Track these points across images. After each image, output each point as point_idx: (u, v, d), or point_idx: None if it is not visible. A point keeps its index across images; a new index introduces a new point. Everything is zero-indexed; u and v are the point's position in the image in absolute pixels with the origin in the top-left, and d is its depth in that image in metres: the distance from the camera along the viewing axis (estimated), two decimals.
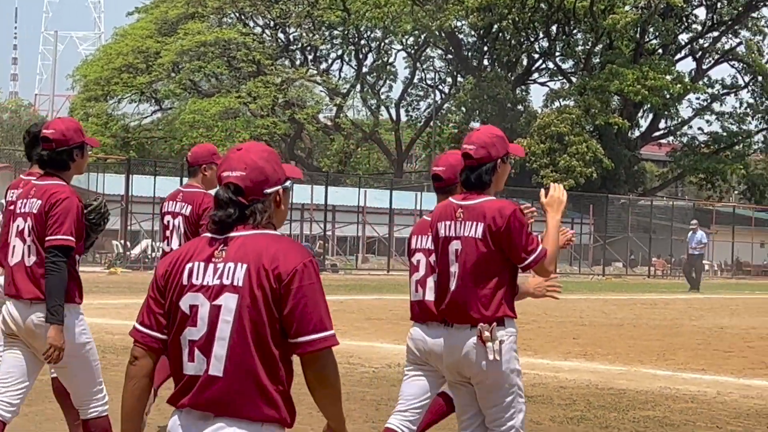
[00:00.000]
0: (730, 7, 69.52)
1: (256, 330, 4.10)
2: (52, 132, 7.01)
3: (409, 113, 79.62)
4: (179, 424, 4.17)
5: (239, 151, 4.32)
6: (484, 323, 6.22)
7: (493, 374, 6.27)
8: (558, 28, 70.10)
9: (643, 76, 62.50)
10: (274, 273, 4.10)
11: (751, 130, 70.98)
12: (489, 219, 6.24)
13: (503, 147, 6.42)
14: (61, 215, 6.83)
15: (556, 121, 61.89)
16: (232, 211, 4.21)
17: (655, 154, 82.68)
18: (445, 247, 6.43)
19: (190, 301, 4.16)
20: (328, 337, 4.11)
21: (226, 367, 4.08)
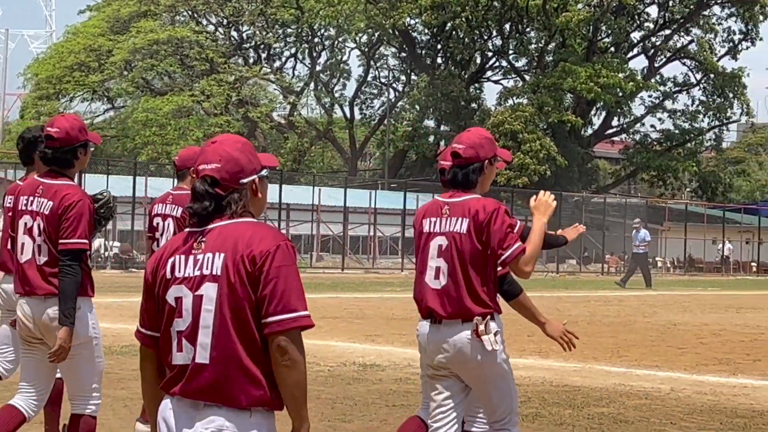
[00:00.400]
0: (681, 5, 69.93)
1: (237, 316, 4.18)
2: (56, 131, 7.08)
3: (363, 111, 79.67)
4: (170, 408, 4.28)
5: (214, 144, 4.42)
6: (477, 317, 6.35)
7: (490, 366, 6.41)
8: (511, 26, 70.29)
9: (595, 74, 62.75)
10: (249, 257, 4.19)
11: (703, 128, 71.45)
12: (473, 214, 6.40)
13: (491, 149, 6.60)
14: (76, 219, 6.96)
15: (509, 119, 62.04)
16: (207, 204, 4.31)
17: (608, 152, 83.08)
18: (427, 242, 6.55)
19: (175, 293, 4.27)
20: (297, 317, 4.17)
21: (212, 354, 4.19)
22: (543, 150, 61.23)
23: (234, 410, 4.19)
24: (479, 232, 6.39)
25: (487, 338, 6.34)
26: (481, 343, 6.35)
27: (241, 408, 4.20)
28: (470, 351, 6.39)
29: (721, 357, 16.60)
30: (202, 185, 4.34)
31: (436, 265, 6.48)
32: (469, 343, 6.38)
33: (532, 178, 60.57)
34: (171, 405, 4.29)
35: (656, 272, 60.17)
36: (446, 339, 6.45)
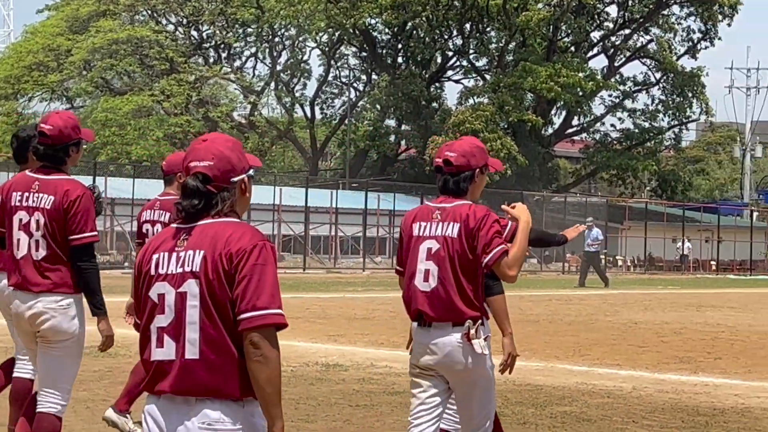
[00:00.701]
0: (641, 4, 70.21)
1: (220, 311, 4.26)
2: (49, 128, 7.18)
3: (323, 111, 79.53)
4: (159, 411, 4.33)
5: (205, 141, 4.49)
6: (467, 321, 6.46)
7: (478, 370, 6.52)
8: (472, 26, 70.37)
9: (556, 74, 62.92)
10: (227, 255, 4.27)
11: (663, 127, 71.77)
12: (463, 219, 6.52)
13: (483, 158, 6.74)
14: (84, 213, 7.11)
15: (470, 118, 62.09)
16: (196, 202, 4.38)
17: (568, 151, 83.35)
18: (416, 246, 6.64)
19: (158, 290, 4.35)
20: (268, 314, 4.24)
21: (201, 349, 4.25)
22: (504, 149, 61.32)
23: (227, 402, 4.25)
24: (469, 238, 6.50)
25: (477, 342, 6.44)
26: (471, 347, 6.44)
27: (234, 400, 4.26)
28: (460, 355, 6.48)
29: (682, 355, 16.70)
30: (193, 182, 4.38)
31: (425, 268, 6.57)
32: (459, 347, 6.47)
33: (492, 177, 60.54)
34: (159, 404, 4.33)
35: (617, 271, 60.44)
36: (435, 341, 6.53)
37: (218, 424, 4.24)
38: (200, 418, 4.25)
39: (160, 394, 4.32)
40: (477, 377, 6.56)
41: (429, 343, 6.55)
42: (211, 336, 4.26)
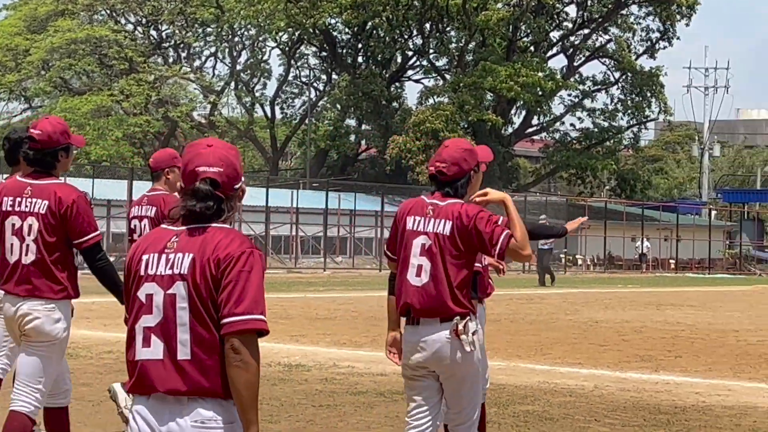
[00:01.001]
0: (600, 4, 70.50)
1: (209, 313, 4.33)
2: (38, 133, 7.29)
3: (284, 111, 79.47)
4: (149, 411, 4.39)
5: (210, 147, 4.56)
6: (455, 316, 6.58)
7: (467, 365, 6.64)
8: (431, 25, 70.45)
9: (515, 73, 63.10)
10: (214, 260, 4.34)
11: (622, 126, 72.10)
12: (456, 216, 6.62)
13: (473, 159, 6.86)
14: (84, 215, 7.24)
15: (430, 117, 62.19)
16: (211, 204, 4.45)
17: (528, 151, 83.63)
18: (410, 240, 6.75)
19: (147, 290, 4.41)
20: (249, 320, 4.29)
21: (192, 350, 4.33)
22: None
23: (219, 401, 4.32)
24: (463, 235, 6.60)
25: (465, 338, 6.56)
26: (459, 342, 6.56)
27: (225, 398, 4.32)
28: (448, 350, 6.59)
29: (642, 354, 16.77)
30: (205, 186, 4.45)
31: (418, 263, 6.67)
32: (447, 342, 6.58)
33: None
34: (148, 404, 4.38)
35: (577, 270, 60.69)
36: (424, 339, 6.64)
37: (211, 422, 4.31)
38: (193, 417, 4.32)
39: (150, 393, 4.38)
40: (466, 372, 6.68)
41: (419, 341, 6.65)
42: (202, 337, 4.33)
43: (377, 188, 59.62)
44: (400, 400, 11.54)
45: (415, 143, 61.79)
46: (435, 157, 6.87)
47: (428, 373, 6.73)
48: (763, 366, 15.72)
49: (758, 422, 11.03)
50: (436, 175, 6.80)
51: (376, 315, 21.56)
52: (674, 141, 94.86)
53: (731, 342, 18.97)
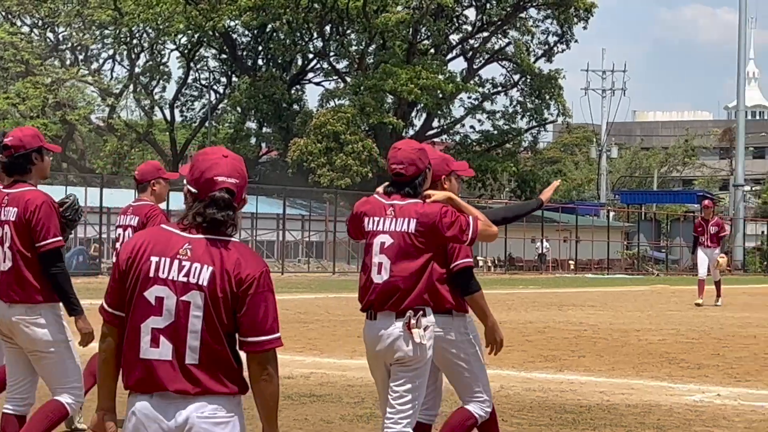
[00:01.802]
0: (498, 7, 71.02)
1: (220, 323, 4.61)
2: (10, 139, 7.61)
3: (183, 113, 79.00)
4: (151, 405, 4.63)
5: (226, 158, 4.81)
6: (410, 312, 6.88)
7: (418, 357, 6.93)
8: (332, 28, 70.45)
9: (416, 76, 63.32)
10: (236, 278, 4.60)
11: (521, 129, 72.70)
12: (420, 214, 6.94)
13: (426, 157, 7.14)
14: (45, 220, 7.43)
15: (332, 120, 62.20)
16: (230, 213, 4.71)
17: None
18: (370, 240, 7.06)
19: (157, 293, 4.63)
20: (274, 339, 4.67)
21: (201, 356, 4.60)
22: (365, 151, 61.56)
23: (222, 396, 4.64)
24: (428, 232, 6.92)
25: (417, 332, 6.86)
26: (411, 336, 6.85)
27: (227, 395, 4.66)
28: (401, 343, 6.90)
29: (546, 354, 16.88)
30: (227, 195, 4.70)
31: (378, 261, 6.98)
32: (401, 336, 6.88)
33: (354, 179, 60.83)
34: (152, 401, 4.63)
35: (478, 271, 61.02)
36: (381, 332, 6.95)
37: (215, 414, 4.62)
38: (198, 409, 4.60)
39: (154, 392, 4.62)
40: (417, 364, 6.96)
41: (375, 335, 6.97)
42: (211, 345, 4.60)
43: (279, 191, 59.45)
44: (308, 402, 11.51)
45: (316, 146, 61.74)
46: (390, 160, 7.11)
47: (387, 365, 7.05)
48: (665, 365, 15.93)
49: (662, 420, 11.17)
50: (395, 177, 7.08)
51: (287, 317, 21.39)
52: (572, 143, 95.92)
53: (633, 341, 19.19)
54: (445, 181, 7.44)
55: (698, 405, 12.18)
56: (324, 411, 10.88)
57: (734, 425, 10.97)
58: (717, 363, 16.17)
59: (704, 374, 14.93)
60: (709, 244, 28.36)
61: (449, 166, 7.50)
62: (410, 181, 7.06)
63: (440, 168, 7.37)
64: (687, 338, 19.92)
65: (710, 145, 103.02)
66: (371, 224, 7.08)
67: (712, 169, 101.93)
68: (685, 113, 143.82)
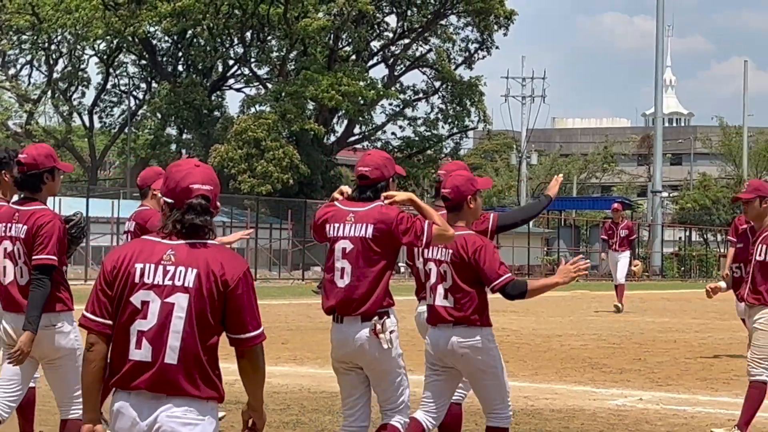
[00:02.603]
0: (419, 15, 71.22)
1: (202, 325, 4.92)
2: (24, 157, 7.94)
3: (102, 120, 78.30)
4: (129, 404, 4.93)
5: (198, 167, 5.13)
6: (374, 314, 7.31)
7: (386, 361, 7.37)
8: (252, 34, 70.23)
9: (337, 82, 63.30)
10: (222, 279, 4.92)
11: (442, 135, 72.93)
12: (378, 220, 7.30)
13: (392, 168, 7.61)
14: (46, 237, 7.74)
15: (252, 126, 61.98)
16: (208, 218, 5.03)
17: (350, 159, 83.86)
18: (332, 245, 7.45)
19: (142, 297, 4.92)
20: (260, 334, 5.09)
21: (179, 355, 4.89)
22: (286, 158, 61.42)
23: (194, 399, 4.93)
24: (384, 237, 7.30)
25: (383, 336, 7.29)
26: (378, 340, 7.28)
27: (200, 399, 4.95)
28: (369, 347, 7.33)
29: None
30: (199, 201, 5.00)
31: (341, 266, 7.39)
32: (368, 341, 7.31)
33: (275, 186, 60.69)
34: (130, 401, 4.93)
35: (399, 278, 61.10)
36: (349, 337, 7.35)
37: (185, 416, 4.90)
38: (168, 411, 4.89)
39: (133, 390, 4.91)
40: (386, 367, 7.40)
41: (343, 339, 7.39)
42: (190, 345, 4.90)
43: None
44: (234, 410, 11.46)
45: (237, 152, 61.50)
46: (358, 164, 7.59)
47: (354, 366, 7.48)
48: (588, 369, 16.08)
49: (585, 424, 11.28)
50: (358, 180, 7.52)
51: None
52: (493, 149, 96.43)
53: (556, 347, 19.35)
54: (471, 201, 7.81)
55: (621, 409, 12.32)
56: None
57: (657, 429, 11.10)
58: (639, 368, 16.36)
59: (626, 379, 15.10)
60: (618, 247, 28.43)
61: (474, 185, 7.87)
62: (373, 185, 7.43)
63: (466, 188, 7.79)
64: (609, 343, 20.13)
65: (628, 151, 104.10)
66: (332, 230, 7.44)
67: (630, 176, 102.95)
68: (604, 120, 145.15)
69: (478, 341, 7.86)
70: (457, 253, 7.70)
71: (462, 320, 7.84)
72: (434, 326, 7.97)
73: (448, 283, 7.76)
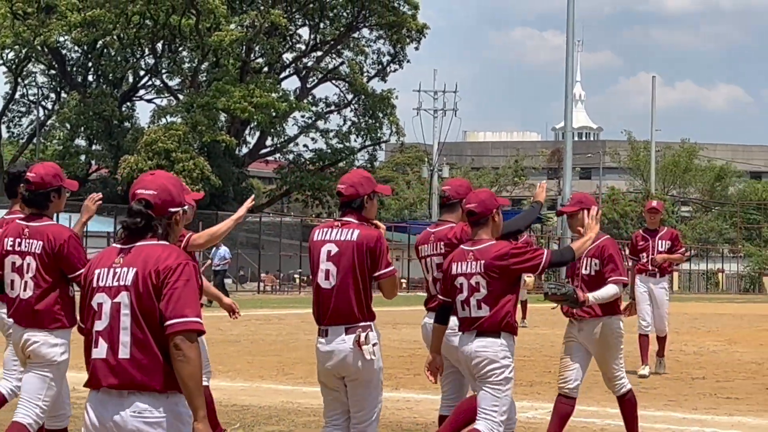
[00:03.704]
0: (332, 27, 71.31)
1: (147, 319, 5.20)
2: (33, 176, 8.29)
3: (10, 130, 77.32)
4: (98, 401, 5.28)
5: (152, 175, 5.51)
6: (359, 325, 7.74)
7: (368, 371, 7.75)
8: (164, 45, 69.83)
9: (249, 94, 63.13)
10: (155, 271, 5.22)
11: (355, 147, 73.04)
12: (360, 235, 7.80)
13: (370, 186, 8.03)
14: (75, 252, 8.17)
15: (163, 137, 61.59)
16: (139, 220, 5.33)
17: (262, 171, 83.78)
18: (318, 248, 7.89)
19: (98, 300, 5.32)
20: (188, 321, 5.17)
21: (131, 350, 5.21)
22: (197, 169, 61.08)
23: (153, 394, 5.18)
24: (363, 251, 7.76)
25: (366, 348, 7.71)
26: (361, 352, 7.68)
27: (159, 392, 5.19)
28: (352, 359, 7.73)
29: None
30: (137, 206, 5.34)
31: (326, 268, 7.81)
32: (351, 353, 7.71)
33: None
34: (97, 397, 5.28)
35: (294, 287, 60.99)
36: (332, 349, 7.76)
37: (146, 412, 5.16)
38: (132, 409, 5.18)
39: (98, 388, 5.26)
40: (368, 377, 7.78)
41: (327, 351, 7.78)
42: (139, 339, 5.19)
43: (109, 209, 58.52)
44: None
45: (146, 163, 61.03)
46: (340, 181, 8.13)
47: (339, 378, 7.84)
48: None
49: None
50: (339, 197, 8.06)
51: None
52: (405, 162, 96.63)
53: None
54: (495, 215, 8.29)
55: (531, 422, 12.40)
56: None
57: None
58: (549, 380, 16.46)
59: (536, 391, 15.19)
60: (652, 267, 28.23)
61: (497, 200, 8.39)
62: (349, 202, 7.93)
63: (490, 203, 8.27)
64: (518, 356, 20.15)
65: (539, 165, 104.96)
66: (320, 235, 7.94)
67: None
68: (515, 134, 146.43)
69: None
70: (491, 264, 8.09)
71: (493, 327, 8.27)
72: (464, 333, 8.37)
73: (482, 293, 8.11)
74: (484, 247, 8.13)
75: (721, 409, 13.53)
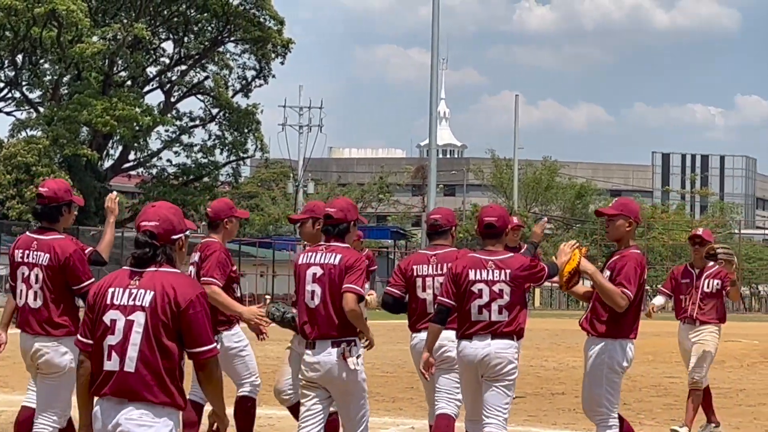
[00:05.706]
0: (196, 41, 70.85)
1: (157, 338, 5.94)
2: (45, 190, 8.86)
3: None
4: (102, 409, 5.96)
5: (153, 207, 6.19)
6: (343, 339, 8.45)
7: (353, 383, 8.49)
8: (24, 57, 68.65)
9: (112, 108, 62.37)
10: (174, 299, 5.97)
11: (219, 162, 72.60)
12: (344, 256, 8.59)
13: (355, 213, 8.93)
14: (79, 265, 8.70)
15: (23, 151, 60.53)
16: (148, 250, 6.07)
17: (125, 186, 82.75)
18: (304, 272, 8.66)
19: (111, 316, 5.99)
20: (212, 348, 6.07)
21: (137, 365, 5.92)
22: None
23: (151, 404, 5.91)
24: (342, 268, 8.54)
25: (351, 360, 8.43)
26: (346, 364, 8.40)
27: (156, 404, 5.91)
28: (337, 371, 8.46)
29: None
30: (143, 237, 6.08)
31: (311, 289, 8.56)
32: (336, 364, 8.44)
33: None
34: (102, 406, 5.94)
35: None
36: (318, 360, 8.46)
37: (141, 418, 5.88)
38: (127, 413, 5.89)
39: (104, 396, 5.92)
40: (352, 388, 8.52)
41: (313, 363, 8.49)
42: (146, 356, 5.91)
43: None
44: None
45: (5, 177, 59.93)
46: (327, 204, 9.01)
47: (319, 387, 8.53)
48: None
49: None
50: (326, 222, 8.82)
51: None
52: (270, 178, 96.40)
53: None
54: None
55: None
56: None
57: None
58: (411, 396, 16.51)
59: (399, 407, 15.23)
60: (698, 315, 27.00)
61: (509, 216, 9.35)
62: (335, 225, 8.69)
63: (507, 218, 9.16)
64: (382, 372, 20.27)
65: (403, 182, 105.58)
66: (304, 258, 8.70)
67: (405, 206, 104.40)
68: (380, 150, 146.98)
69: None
70: (516, 274, 8.85)
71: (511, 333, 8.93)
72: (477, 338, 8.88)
73: (505, 300, 8.78)
74: (506, 258, 8.93)
75: (579, 424, 13.67)
